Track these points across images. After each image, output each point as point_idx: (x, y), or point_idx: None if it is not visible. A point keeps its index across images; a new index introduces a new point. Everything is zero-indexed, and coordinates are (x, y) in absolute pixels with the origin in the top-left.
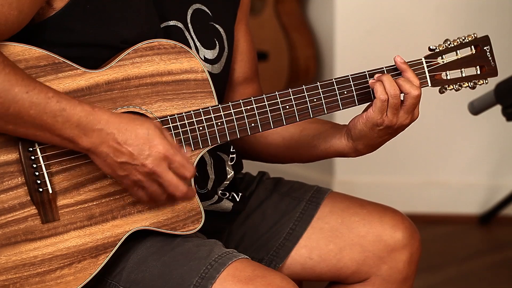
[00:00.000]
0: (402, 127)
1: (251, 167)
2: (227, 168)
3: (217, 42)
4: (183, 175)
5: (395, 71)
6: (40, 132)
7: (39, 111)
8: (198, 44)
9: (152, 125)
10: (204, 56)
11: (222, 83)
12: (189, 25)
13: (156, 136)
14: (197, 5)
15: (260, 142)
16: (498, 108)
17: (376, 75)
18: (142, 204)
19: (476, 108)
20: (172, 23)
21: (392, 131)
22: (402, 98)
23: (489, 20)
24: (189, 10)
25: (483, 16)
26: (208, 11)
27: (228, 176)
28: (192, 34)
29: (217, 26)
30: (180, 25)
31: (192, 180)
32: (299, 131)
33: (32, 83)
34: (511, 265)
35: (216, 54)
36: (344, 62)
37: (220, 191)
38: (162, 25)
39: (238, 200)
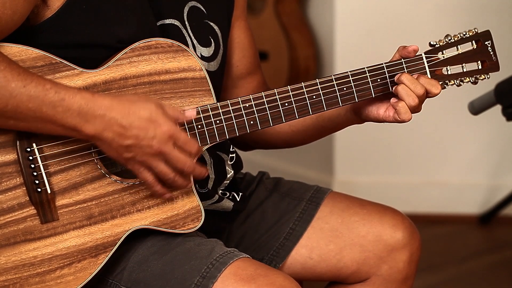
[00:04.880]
0: None
1: (251, 167)
2: (226, 168)
3: (212, 40)
4: (189, 151)
5: (394, 67)
6: (41, 124)
7: (38, 103)
8: (195, 41)
9: (153, 105)
10: (200, 54)
11: (219, 80)
12: (186, 22)
13: (159, 115)
14: (193, 3)
15: (269, 132)
16: (498, 108)
17: (397, 77)
18: (141, 203)
19: (476, 108)
20: (168, 21)
21: None
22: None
23: (490, 20)
24: (186, 7)
25: (483, 16)
26: (203, 8)
27: (228, 176)
28: (189, 31)
29: (211, 24)
30: (177, 23)
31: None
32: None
33: (29, 77)
34: (511, 265)
35: (212, 52)
36: (344, 62)
37: (220, 191)
38: (158, 23)
39: (238, 199)
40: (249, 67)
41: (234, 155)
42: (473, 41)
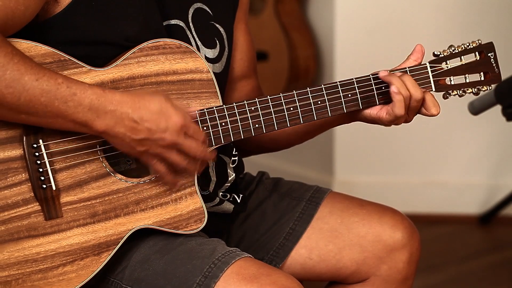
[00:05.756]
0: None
1: (251, 167)
2: (228, 171)
3: (217, 41)
4: (199, 139)
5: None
6: (53, 119)
7: (50, 97)
8: (199, 43)
9: (162, 97)
10: (205, 56)
11: (223, 82)
12: (191, 24)
13: (169, 107)
14: (198, 4)
15: (265, 135)
16: (498, 108)
17: (382, 74)
18: (145, 203)
19: (476, 108)
20: (173, 22)
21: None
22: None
23: (489, 20)
24: (191, 9)
25: (483, 16)
26: (209, 10)
27: (230, 179)
28: (194, 33)
29: (217, 25)
30: (181, 24)
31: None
32: None
33: (42, 71)
34: (511, 265)
35: (217, 54)
36: (344, 62)
37: (221, 193)
38: (164, 24)
39: (239, 201)
40: (244, 71)
41: (236, 158)
42: (477, 52)
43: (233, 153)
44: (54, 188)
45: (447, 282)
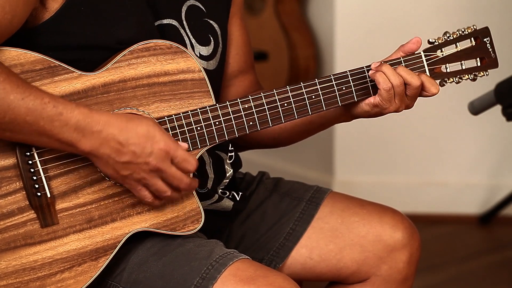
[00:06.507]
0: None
1: (251, 167)
2: (226, 167)
3: (211, 38)
4: (185, 169)
5: (393, 66)
6: (38, 137)
7: (36, 117)
8: (193, 41)
9: (150, 122)
10: (199, 53)
11: (218, 79)
12: (184, 22)
13: (156, 132)
14: (191, 2)
15: (260, 132)
16: (498, 108)
17: (374, 65)
18: (141, 206)
19: (476, 108)
20: (166, 21)
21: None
22: None
23: (490, 21)
24: (184, 7)
25: (484, 16)
26: (202, 7)
27: (227, 175)
28: (187, 31)
29: (211, 22)
30: (174, 23)
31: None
32: None
33: (28, 89)
34: (511, 265)
35: (211, 51)
36: (344, 62)
37: (220, 190)
38: (156, 24)
39: (238, 199)
40: (241, 66)
41: (233, 154)
42: (472, 38)
43: (230, 148)
44: (49, 195)
45: (447, 282)
